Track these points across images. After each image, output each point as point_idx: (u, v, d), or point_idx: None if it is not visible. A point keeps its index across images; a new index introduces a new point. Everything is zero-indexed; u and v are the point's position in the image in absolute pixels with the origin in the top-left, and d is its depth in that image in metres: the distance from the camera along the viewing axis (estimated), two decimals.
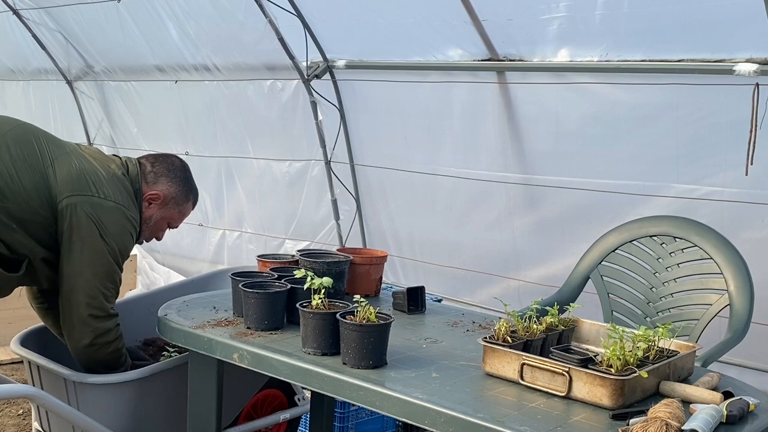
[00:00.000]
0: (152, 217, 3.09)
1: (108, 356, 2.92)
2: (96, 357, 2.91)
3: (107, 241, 2.85)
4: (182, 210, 3.17)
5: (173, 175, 3.11)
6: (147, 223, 3.08)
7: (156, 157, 3.17)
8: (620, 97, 3.78)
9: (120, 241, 2.89)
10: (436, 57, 4.33)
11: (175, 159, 3.19)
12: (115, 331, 2.92)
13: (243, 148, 5.74)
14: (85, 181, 2.88)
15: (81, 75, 6.79)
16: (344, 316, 2.30)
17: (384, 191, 5.04)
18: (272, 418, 3.36)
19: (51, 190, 2.84)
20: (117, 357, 2.95)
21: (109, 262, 2.86)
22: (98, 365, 2.93)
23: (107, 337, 2.89)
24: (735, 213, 3.54)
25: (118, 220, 2.89)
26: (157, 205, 3.08)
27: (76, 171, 2.88)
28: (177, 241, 6.66)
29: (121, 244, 2.90)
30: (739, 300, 2.83)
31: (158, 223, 3.12)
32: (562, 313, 2.48)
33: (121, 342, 2.96)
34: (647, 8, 3.42)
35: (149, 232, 3.14)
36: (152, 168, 3.09)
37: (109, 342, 2.90)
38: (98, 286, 2.85)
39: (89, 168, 2.92)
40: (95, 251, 2.83)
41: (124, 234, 2.91)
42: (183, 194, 3.14)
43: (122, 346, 2.98)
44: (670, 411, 1.86)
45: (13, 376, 4.55)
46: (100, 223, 2.84)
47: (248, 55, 5.23)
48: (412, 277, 4.94)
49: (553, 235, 4.24)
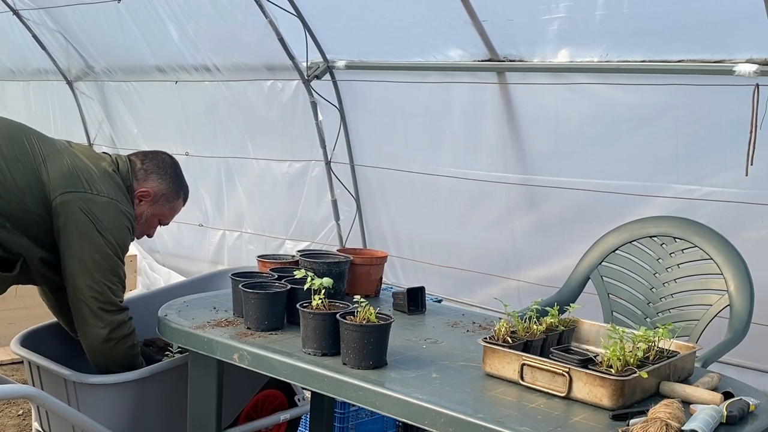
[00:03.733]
0: (143, 214, 3.09)
1: (125, 353, 2.92)
2: (114, 354, 2.90)
3: (104, 235, 2.85)
4: (173, 207, 3.17)
5: (163, 172, 3.11)
6: (138, 220, 3.08)
7: (146, 154, 3.17)
8: (620, 98, 3.78)
9: (117, 235, 2.89)
10: (436, 57, 4.33)
11: (165, 156, 3.19)
12: (129, 324, 2.92)
13: (243, 148, 5.74)
14: (77, 177, 2.87)
15: (81, 75, 6.78)
16: (344, 316, 2.30)
17: (384, 191, 5.04)
18: (272, 418, 3.36)
19: (44, 188, 2.84)
20: (134, 354, 2.96)
21: (108, 255, 2.86)
22: (115, 364, 2.92)
23: (123, 330, 2.89)
24: (735, 213, 3.54)
25: (113, 214, 2.89)
26: (147, 202, 3.08)
27: (68, 168, 2.88)
28: (177, 241, 6.66)
29: (119, 238, 2.89)
30: (739, 300, 2.83)
31: (149, 220, 3.12)
32: (562, 313, 2.48)
33: (135, 338, 2.96)
34: (647, 8, 3.42)
35: (140, 230, 3.13)
36: (142, 165, 3.09)
37: (126, 336, 2.90)
38: (102, 281, 2.85)
39: (81, 165, 2.92)
40: (94, 246, 2.83)
41: (120, 228, 2.91)
42: (173, 191, 3.14)
43: (137, 342, 2.97)
44: (670, 411, 1.86)
45: (13, 376, 4.55)
46: (96, 218, 2.84)
47: (248, 56, 5.23)
48: (412, 277, 4.93)
49: (553, 235, 4.24)
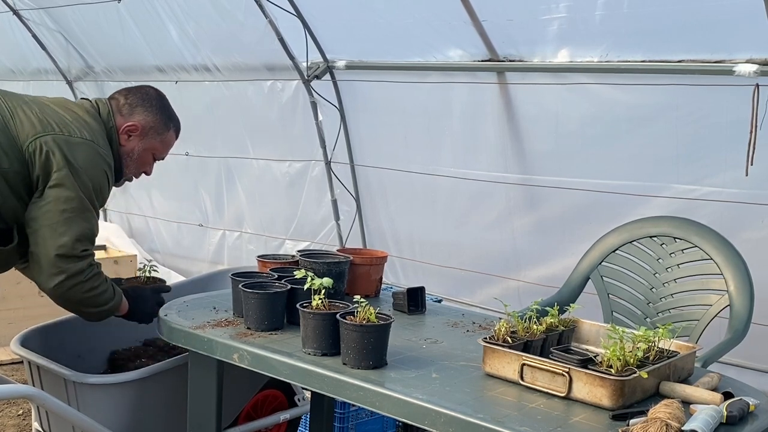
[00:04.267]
0: (134, 149, 2.98)
1: (83, 296, 2.76)
2: (69, 297, 2.75)
3: (75, 174, 2.71)
4: (164, 139, 3.06)
5: (149, 104, 3.01)
6: (130, 156, 2.98)
7: (129, 89, 3.05)
8: (620, 98, 3.78)
9: (92, 175, 2.75)
10: (436, 57, 4.34)
11: (149, 89, 3.08)
12: (87, 271, 2.75)
13: (243, 148, 5.74)
14: (47, 123, 2.76)
15: (81, 75, 6.78)
16: (344, 316, 2.30)
17: (384, 191, 5.04)
18: (272, 418, 3.36)
19: (16, 142, 2.72)
20: (94, 296, 2.79)
21: (79, 197, 2.72)
22: (75, 305, 2.79)
23: (78, 278, 2.72)
24: (735, 213, 3.54)
25: (87, 154, 2.76)
26: (136, 136, 2.97)
27: (36, 116, 2.76)
28: (177, 241, 6.67)
29: (93, 178, 2.76)
30: (739, 300, 2.83)
31: (142, 155, 3.01)
32: (562, 313, 2.48)
33: (97, 281, 2.78)
34: (647, 8, 3.42)
35: (134, 167, 3.02)
36: (126, 100, 2.99)
37: (81, 282, 2.73)
38: (66, 225, 2.70)
39: (50, 112, 2.81)
40: (64, 187, 2.70)
41: (95, 168, 2.77)
42: (162, 123, 3.04)
43: (99, 284, 2.79)
44: (670, 411, 1.86)
45: (13, 376, 4.54)
46: (67, 157, 2.71)
47: (248, 56, 5.23)
48: (412, 277, 4.94)
49: (553, 235, 4.24)
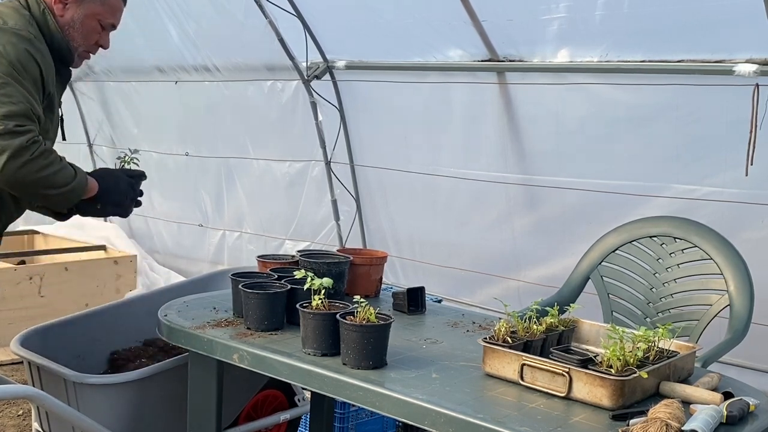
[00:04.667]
0: (74, 18, 2.81)
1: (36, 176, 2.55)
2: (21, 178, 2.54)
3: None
4: (106, 2, 2.85)
5: None
6: (72, 26, 2.81)
7: None
8: (620, 98, 3.78)
9: (13, 52, 2.58)
10: (436, 57, 4.34)
11: None
12: (33, 148, 2.53)
13: (243, 148, 5.75)
14: None
15: (81, 75, 6.78)
16: (344, 316, 2.30)
17: (384, 192, 5.04)
18: (272, 418, 3.36)
19: None
20: (48, 175, 2.58)
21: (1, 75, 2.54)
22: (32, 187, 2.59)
23: (24, 156, 2.51)
24: (735, 213, 3.54)
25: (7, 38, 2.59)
26: (72, 3, 2.79)
27: None
28: (177, 241, 6.67)
29: (14, 55, 2.57)
30: (739, 300, 2.83)
31: (84, 23, 2.83)
32: (562, 313, 2.48)
33: (47, 158, 2.57)
34: (647, 8, 3.42)
35: (80, 37, 2.84)
36: None
37: (29, 161, 2.53)
38: None
39: None
40: None
41: (17, 47, 2.60)
42: None
43: (52, 162, 2.59)
44: (670, 411, 1.86)
45: (13, 376, 4.54)
46: None
47: (248, 56, 5.23)
48: (412, 277, 4.94)
49: (553, 235, 4.24)
